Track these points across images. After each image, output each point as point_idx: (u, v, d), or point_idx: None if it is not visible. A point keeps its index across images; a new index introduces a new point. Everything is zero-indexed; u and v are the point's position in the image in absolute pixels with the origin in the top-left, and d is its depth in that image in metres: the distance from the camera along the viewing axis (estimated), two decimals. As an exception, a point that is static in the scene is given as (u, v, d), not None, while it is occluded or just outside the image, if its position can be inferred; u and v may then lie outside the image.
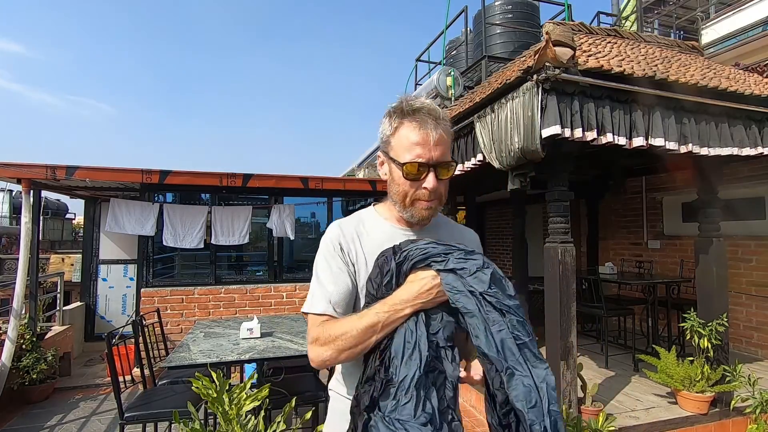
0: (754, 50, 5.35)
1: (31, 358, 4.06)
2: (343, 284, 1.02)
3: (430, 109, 1.01)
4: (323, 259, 1.05)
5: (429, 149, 0.98)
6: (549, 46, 2.29)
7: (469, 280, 0.91)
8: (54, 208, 14.47)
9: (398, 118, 1.02)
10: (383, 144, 1.06)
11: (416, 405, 0.85)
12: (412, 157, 0.99)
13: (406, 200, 1.03)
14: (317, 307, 1.01)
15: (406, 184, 1.01)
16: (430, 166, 0.99)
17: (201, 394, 1.95)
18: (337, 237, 1.06)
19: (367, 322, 0.92)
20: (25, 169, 4.22)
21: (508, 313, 0.88)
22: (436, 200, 1.04)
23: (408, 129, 1.00)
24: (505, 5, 6.15)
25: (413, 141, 0.99)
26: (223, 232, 5.23)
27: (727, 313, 3.15)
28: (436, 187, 1.01)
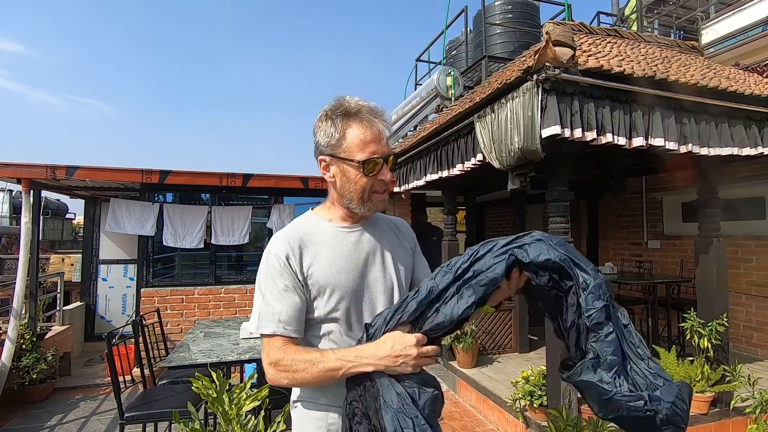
0: (754, 50, 5.35)
1: (31, 358, 4.06)
2: (291, 302, 1.03)
3: (370, 107, 1.07)
4: (269, 277, 1.05)
5: (381, 145, 1.05)
6: (549, 46, 2.29)
7: None
8: (54, 208, 14.46)
9: (343, 120, 1.05)
10: (329, 147, 1.07)
11: None
12: (368, 154, 1.04)
13: (364, 196, 1.07)
14: (266, 328, 1.02)
15: (363, 180, 1.05)
16: (383, 159, 1.06)
17: (201, 394, 1.95)
18: (284, 251, 1.05)
19: (329, 365, 0.96)
20: (25, 169, 4.22)
21: None
22: (386, 191, 1.11)
23: (358, 129, 1.04)
24: (505, 5, 6.15)
25: (366, 140, 1.04)
26: (223, 232, 5.23)
27: (727, 313, 3.14)
28: (390, 178, 1.08)
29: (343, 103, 1.07)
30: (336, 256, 1.08)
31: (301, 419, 1.11)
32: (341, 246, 1.09)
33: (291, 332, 1.02)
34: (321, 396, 1.08)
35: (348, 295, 1.07)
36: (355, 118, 1.05)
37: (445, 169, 3.73)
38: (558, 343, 2.78)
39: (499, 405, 3.46)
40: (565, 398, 2.76)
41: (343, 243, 1.10)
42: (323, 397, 1.08)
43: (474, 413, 3.84)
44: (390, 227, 1.23)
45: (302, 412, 1.11)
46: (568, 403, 2.75)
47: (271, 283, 1.04)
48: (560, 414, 2.51)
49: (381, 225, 1.20)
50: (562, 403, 2.74)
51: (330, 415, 1.07)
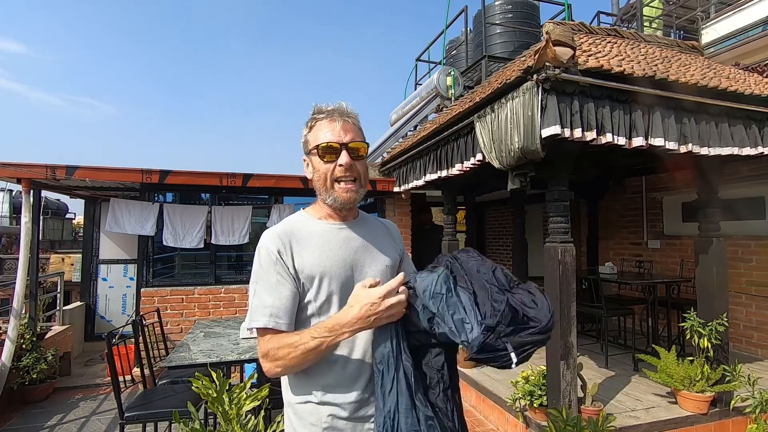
0: (754, 50, 5.35)
1: (31, 358, 4.06)
2: (283, 295, 1.06)
3: (339, 108, 1.14)
4: (261, 271, 1.08)
5: (339, 134, 1.10)
6: (549, 46, 2.29)
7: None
8: (54, 207, 14.46)
9: (314, 120, 1.15)
10: (304, 146, 1.17)
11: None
12: (324, 140, 1.11)
13: (327, 183, 1.12)
14: (258, 321, 1.05)
15: (323, 165, 1.11)
16: (341, 145, 1.10)
17: (201, 393, 1.95)
18: (275, 246, 1.08)
19: (309, 345, 0.99)
20: (25, 168, 4.21)
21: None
22: (355, 182, 1.13)
23: (321, 124, 1.13)
24: (505, 5, 6.15)
25: (326, 130, 1.12)
26: (223, 232, 5.23)
27: (727, 313, 3.15)
28: (350, 163, 1.10)
29: (321, 107, 1.15)
30: (326, 250, 1.11)
31: (295, 424, 1.11)
32: (331, 241, 1.13)
33: (282, 325, 1.04)
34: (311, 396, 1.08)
35: (338, 286, 1.10)
36: (323, 116, 1.13)
37: (444, 169, 3.73)
38: (558, 343, 2.78)
39: (499, 405, 3.46)
40: (565, 398, 2.77)
41: (332, 238, 1.14)
42: (314, 397, 1.08)
43: (474, 413, 3.84)
44: (381, 227, 1.27)
45: (294, 417, 1.11)
46: (568, 403, 2.75)
47: (263, 277, 1.08)
48: (560, 414, 2.51)
49: (371, 224, 1.25)
50: (562, 403, 2.74)
51: (323, 418, 1.07)
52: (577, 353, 2.85)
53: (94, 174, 4.45)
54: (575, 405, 2.81)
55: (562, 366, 2.76)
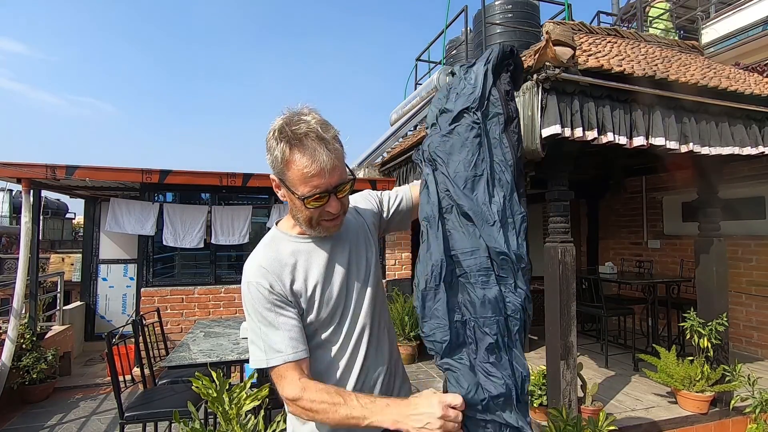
0: (754, 50, 5.35)
1: (31, 358, 4.06)
2: (288, 326, 1.01)
3: (317, 133, 0.96)
4: (257, 309, 1.01)
5: (326, 179, 0.97)
6: (549, 46, 2.29)
7: None
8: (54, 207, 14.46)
9: (286, 145, 0.96)
10: (276, 172, 1.02)
11: None
12: (310, 189, 0.97)
13: (312, 223, 1.04)
14: (274, 360, 0.99)
15: (308, 212, 1.01)
16: (329, 192, 0.99)
17: (201, 393, 1.95)
18: (267, 281, 1.02)
19: (353, 413, 0.92)
20: (24, 168, 4.21)
21: None
22: (341, 216, 1.06)
23: (301, 162, 0.96)
24: (505, 5, 6.14)
25: (309, 174, 0.96)
26: (223, 232, 5.23)
27: (727, 313, 3.15)
28: (339, 208, 1.03)
29: (292, 122, 0.97)
30: (314, 269, 1.07)
31: (296, 423, 1.11)
32: (316, 258, 1.08)
33: (299, 354, 1.00)
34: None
35: (334, 299, 1.07)
36: (299, 146, 0.96)
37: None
38: (558, 343, 2.78)
39: (499, 404, 3.46)
40: (564, 398, 2.77)
41: (316, 255, 1.09)
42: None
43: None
44: (351, 220, 1.18)
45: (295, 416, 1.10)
46: (568, 403, 2.75)
47: (262, 315, 1.01)
48: (560, 413, 2.51)
49: (350, 227, 1.17)
50: (562, 403, 2.74)
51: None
52: (577, 353, 2.85)
53: (94, 174, 4.45)
54: (575, 405, 2.81)
55: (562, 366, 2.76)
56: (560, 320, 2.77)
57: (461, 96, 1.03)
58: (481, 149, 0.99)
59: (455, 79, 1.08)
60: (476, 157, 0.99)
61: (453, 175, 1.00)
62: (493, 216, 0.97)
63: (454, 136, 1.02)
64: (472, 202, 0.97)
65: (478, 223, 0.97)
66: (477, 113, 1.00)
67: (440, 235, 0.98)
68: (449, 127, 1.03)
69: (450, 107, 1.04)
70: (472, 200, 0.98)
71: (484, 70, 1.02)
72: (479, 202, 0.98)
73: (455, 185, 0.99)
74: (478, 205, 0.97)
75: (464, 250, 0.98)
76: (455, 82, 1.07)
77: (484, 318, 0.95)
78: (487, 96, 1.02)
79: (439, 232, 0.98)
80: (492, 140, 1.01)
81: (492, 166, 1.00)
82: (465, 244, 0.98)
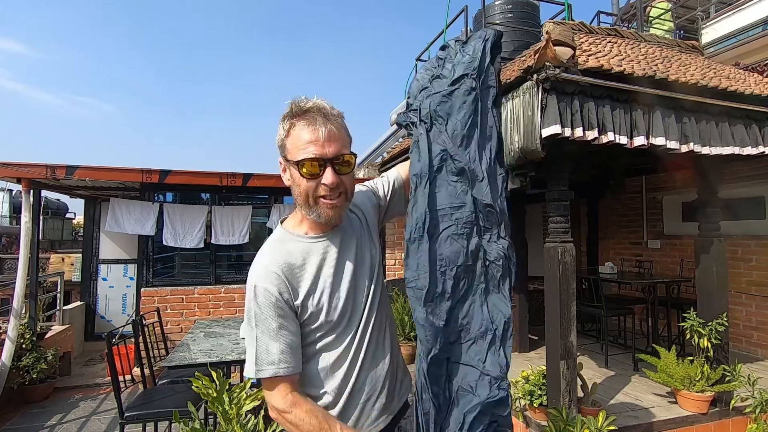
0: (754, 50, 5.35)
1: (31, 358, 4.06)
2: (287, 339, 1.00)
3: (319, 106, 1.00)
4: (260, 315, 1.00)
5: (322, 145, 0.97)
6: (549, 46, 2.29)
7: None
8: (54, 207, 14.45)
9: (289, 119, 1.00)
10: (280, 149, 1.04)
11: None
12: (306, 154, 0.97)
13: (309, 200, 1.02)
14: (265, 372, 0.98)
15: (305, 182, 1.00)
16: (325, 161, 0.98)
17: (201, 393, 1.95)
18: (275, 286, 1.01)
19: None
20: (25, 168, 4.21)
21: None
22: (340, 197, 1.03)
23: (299, 128, 0.99)
24: (505, 5, 6.13)
25: (306, 140, 0.98)
26: (223, 232, 5.23)
27: (727, 313, 3.15)
28: (336, 182, 1.00)
29: (299, 101, 1.01)
30: (325, 269, 1.07)
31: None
32: (325, 257, 1.08)
33: (290, 370, 1.00)
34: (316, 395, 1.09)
35: (340, 302, 1.07)
36: (301, 116, 0.99)
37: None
38: (558, 343, 2.78)
39: (499, 404, 3.46)
40: (564, 398, 2.77)
41: (326, 254, 1.08)
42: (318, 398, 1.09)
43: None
44: (355, 219, 1.18)
45: None
46: (568, 403, 2.75)
47: (263, 322, 1.00)
48: (560, 413, 2.51)
49: (355, 229, 1.16)
50: (562, 403, 2.74)
51: None
52: (577, 353, 2.85)
53: (94, 174, 4.45)
54: (575, 405, 2.81)
55: (562, 366, 2.76)
56: (560, 320, 2.77)
57: (459, 64, 1.13)
58: (475, 113, 1.10)
59: (449, 51, 1.18)
60: (471, 118, 1.09)
61: (451, 132, 1.09)
62: (482, 173, 1.08)
63: (453, 97, 1.11)
64: (466, 158, 1.08)
65: (469, 177, 1.07)
66: (477, 81, 1.11)
67: (427, 191, 1.07)
68: (449, 89, 1.12)
69: (446, 74, 1.14)
70: (466, 156, 1.08)
71: (483, 46, 1.13)
72: (470, 159, 1.08)
73: (453, 142, 1.09)
74: (469, 162, 1.08)
75: (453, 204, 1.08)
76: (450, 54, 1.17)
77: (466, 266, 1.06)
78: (485, 68, 1.12)
79: (426, 189, 1.07)
80: (484, 107, 1.12)
81: (482, 129, 1.11)
82: (453, 200, 1.08)
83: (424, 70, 1.20)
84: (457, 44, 1.18)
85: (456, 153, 1.08)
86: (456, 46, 1.17)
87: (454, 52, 1.17)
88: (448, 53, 1.18)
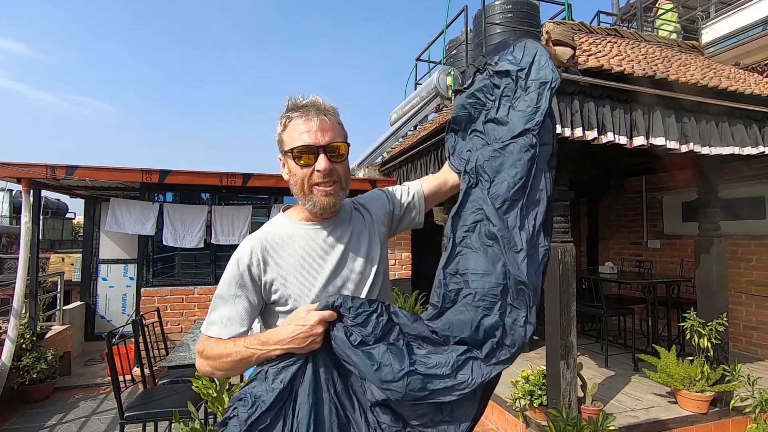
0: (754, 50, 5.34)
1: (31, 358, 4.06)
2: (240, 308, 1.06)
3: (315, 103, 1.06)
4: (226, 280, 1.08)
5: (315, 135, 1.02)
6: (549, 46, 2.29)
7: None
8: (54, 207, 14.46)
9: (288, 114, 1.07)
10: (279, 145, 1.10)
11: None
12: (300, 142, 1.03)
13: (304, 188, 1.05)
14: (210, 330, 1.06)
15: (299, 170, 1.04)
16: (318, 148, 1.02)
17: (201, 393, 1.95)
18: (247, 258, 1.07)
19: (241, 355, 1.00)
20: (24, 168, 4.21)
21: None
22: (335, 184, 1.06)
23: (295, 122, 1.05)
24: (505, 5, 6.14)
25: (301, 130, 1.03)
26: (223, 232, 5.23)
27: (727, 313, 3.15)
28: (329, 168, 1.03)
29: (295, 99, 1.07)
30: (304, 258, 1.08)
31: None
32: (309, 246, 1.09)
33: (220, 335, 1.05)
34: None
35: (318, 291, 1.06)
36: (297, 111, 1.05)
37: (445, 169, 3.73)
38: (558, 343, 2.78)
39: (499, 404, 3.46)
40: (564, 398, 2.77)
41: (311, 243, 1.09)
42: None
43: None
44: (358, 217, 1.18)
45: None
46: (568, 403, 2.76)
47: (225, 287, 1.07)
48: (560, 413, 2.51)
49: (350, 216, 1.17)
50: (562, 403, 2.74)
51: None
52: (577, 353, 2.85)
53: (94, 174, 4.45)
54: (575, 405, 2.81)
55: (562, 366, 2.76)
56: (560, 320, 2.77)
57: (517, 111, 1.00)
58: (528, 174, 0.98)
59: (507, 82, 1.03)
60: (522, 180, 0.97)
61: (493, 193, 0.98)
62: (521, 243, 0.95)
63: (506, 154, 1.00)
64: (503, 224, 0.96)
65: (504, 246, 0.94)
66: (537, 137, 0.99)
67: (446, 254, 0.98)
68: (503, 143, 1.00)
69: (501, 119, 1.01)
70: (503, 222, 0.96)
71: (548, 95, 1.01)
72: (509, 226, 0.96)
73: (491, 205, 0.97)
74: (507, 229, 0.96)
75: (476, 271, 0.96)
76: (508, 87, 1.03)
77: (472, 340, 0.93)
78: (544, 121, 1.00)
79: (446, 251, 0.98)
80: (539, 169, 1.00)
81: (530, 194, 0.98)
82: (479, 266, 0.96)
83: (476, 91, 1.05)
84: (520, 74, 1.03)
85: (492, 216, 0.96)
86: (517, 76, 1.02)
87: (512, 85, 1.02)
88: (507, 85, 1.03)
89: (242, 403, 0.95)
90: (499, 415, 3.48)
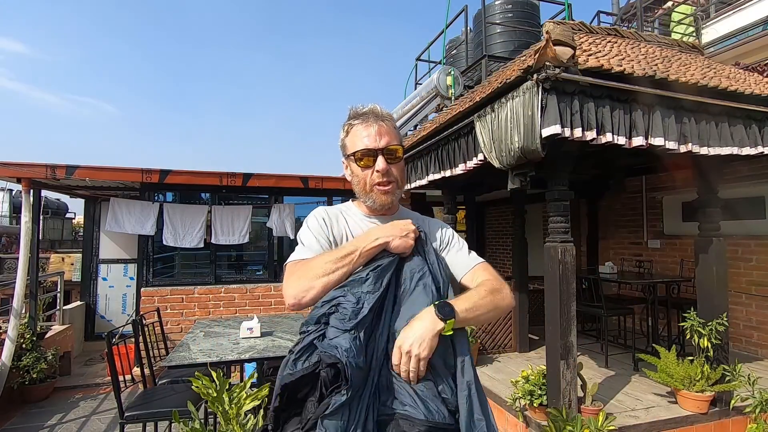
0: (754, 50, 5.34)
1: (31, 358, 4.06)
2: (321, 246, 1.17)
3: (374, 110, 1.18)
4: (307, 229, 1.20)
5: (374, 139, 1.14)
6: (549, 46, 2.29)
7: None
8: (54, 207, 14.47)
9: (350, 122, 1.19)
10: (342, 149, 1.23)
11: None
12: (361, 146, 1.15)
13: (366, 187, 1.18)
14: (300, 255, 1.14)
15: (361, 172, 1.17)
16: (377, 151, 1.14)
17: (201, 393, 1.95)
18: (322, 216, 1.22)
19: (346, 251, 1.06)
20: (25, 168, 4.22)
21: None
22: (392, 183, 1.18)
23: (357, 128, 1.17)
24: (505, 4, 6.14)
25: (362, 136, 1.16)
26: (223, 232, 5.23)
27: (726, 313, 3.14)
28: (387, 168, 1.15)
29: (356, 108, 1.20)
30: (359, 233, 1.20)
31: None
32: (361, 227, 1.22)
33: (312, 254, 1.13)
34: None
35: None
36: (358, 119, 1.18)
37: (447, 169, 3.73)
38: (558, 343, 2.78)
39: (499, 404, 3.46)
40: (564, 398, 2.77)
41: (360, 231, 1.21)
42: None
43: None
44: (418, 221, 1.25)
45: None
46: (567, 403, 2.76)
47: (307, 233, 1.19)
48: (560, 413, 2.52)
49: (406, 217, 1.24)
50: (562, 403, 2.74)
51: None
52: (577, 353, 2.85)
53: (94, 174, 4.45)
54: (575, 404, 2.81)
55: (562, 366, 2.76)
56: (560, 320, 2.77)
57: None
58: None
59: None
60: None
61: None
62: None
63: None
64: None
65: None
66: None
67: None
68: None
69: None
70: None
71: None
72: None
73: None
74: None
75: None
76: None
77: None
78: None
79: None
80: None
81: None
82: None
83: None
84: None
85: None
86: None
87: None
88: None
89: (344, 299, 0.98)
90: (499, 414, 3.48)
